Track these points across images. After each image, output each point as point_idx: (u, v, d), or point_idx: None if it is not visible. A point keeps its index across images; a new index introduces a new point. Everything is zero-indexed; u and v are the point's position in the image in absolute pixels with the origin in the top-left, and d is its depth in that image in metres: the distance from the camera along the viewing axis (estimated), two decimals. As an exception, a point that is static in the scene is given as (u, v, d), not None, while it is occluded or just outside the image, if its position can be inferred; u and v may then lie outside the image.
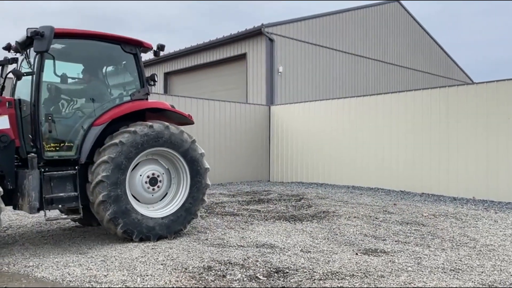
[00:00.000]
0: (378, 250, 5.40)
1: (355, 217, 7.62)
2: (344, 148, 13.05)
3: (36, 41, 5.06)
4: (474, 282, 4.19)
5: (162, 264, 4.62)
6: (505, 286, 4.09)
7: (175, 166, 6.05)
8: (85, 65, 6.13)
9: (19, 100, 5.35)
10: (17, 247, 5.45)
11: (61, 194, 5.21)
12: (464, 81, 25.89)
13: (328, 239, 6.03)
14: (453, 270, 4.57)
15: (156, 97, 12.59)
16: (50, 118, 5.23)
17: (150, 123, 5.68)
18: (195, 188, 6.03)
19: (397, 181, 11.84)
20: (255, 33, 16.81)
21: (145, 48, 6.18)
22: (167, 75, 21.85)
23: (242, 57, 17.68)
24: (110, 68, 6.21)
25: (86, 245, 5.56)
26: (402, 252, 5.29)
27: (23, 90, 5.64)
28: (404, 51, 23.01)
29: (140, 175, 5.73)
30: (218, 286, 3.99)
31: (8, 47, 5.95)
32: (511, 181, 9.66)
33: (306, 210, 8.39)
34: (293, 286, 4.01)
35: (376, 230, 6.64)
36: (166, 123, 5.85)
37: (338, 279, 4.21)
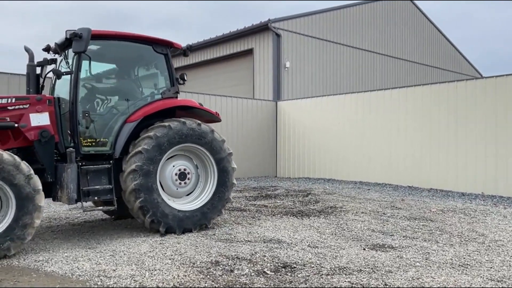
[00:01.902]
0: (386, 246, 5.39)
1: (362, 212, 7.60)
2: (351, 144, 13.00)
3: (74, 42, 5.33)
4: (483, 278, 4.17)
5: (170, 259, 4.65)
6: (514, 282, 4.06)
7: (204, 163, 6.26)
8: (119, 65, 6.41)
9: (58, 98, 5.63)
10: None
11: (97, 187, 5.49)
12: (473, 76, 25.64)
13: (335, 234, 6.02)
14: (462, 266, 4.55)
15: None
16: (87, 115, 5.51)
17: (183, 120, 5.92)
18: (222, 186, 6.23)
19: (404, 177, 11.79)
20: (261, 29, 16.77)
21: (175, 48, 6.45)
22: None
23: (249, 52, 17.66)
24: (142, 68, 6.48)
25: (95, 240, 5.61)
26: (410, 248, 5.27)
27: (62, 88, 5.95)
28: (412, 45, 22.83)
29: (171, 170, 5.95)
30: (225, 280, 4.01)
31: (47, 49, 6.22)
32: (520, 176, 9.59)
33: (314, 205, 8.38)
34: (301, 281, 4.01)
35: (384, 225, 6.62)
36: (198, 121, 6.07)
37: (345, 274, 4.20)
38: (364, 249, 5.22)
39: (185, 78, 6.48)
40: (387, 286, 3.89)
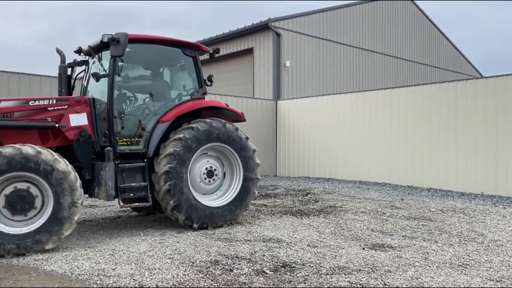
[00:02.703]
0: (385, 245, 5.39)
1: (362, 212, 7.61)
2: (351, 143, 13.01)
3: (112, 47, 5.53)
4: (482, 278, 4.17)
5: (169, 258, 4.65)
6: (513, 282, 4.07)
7: (229, 161, 6.52)
8: (150, 67, 6.64)
9: (93, 99, 5.87)
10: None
11: (133, 184, 5.73)
12: (473, 75, 25.63)
13: (335, 234, 6.03)
14: (461, 266, 4.55)
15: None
16: (123, 115, 5.77)
17: (209, 120, 6.17)
18: (247, 181, 6.50)
19: (404, 176, 11.79)
20: (262, 28, 16.76)
21: (203, 51, 6.71)
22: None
23: (249, 51, 17.66)
24: (171, 70, 6.75)
25: (95, 239, 5.61)
26: (409, 247, 5.27)
27: (94, 89, 6.26)
28: (412, 45, 22.82)
29: (199, 168, 6.22)
30: (225, 280, 4.01)
31: (79, 51, 6.43)
32: (520, 176, 9.59)
33: (313, 205, 8.39)
34: (300, 281, 4.02)
35: (383, 225, 6.63)
36: (223, 121, 6.33)
37: (345, 274, 4.21)
38: (363, 248, 5.23)
39: (212, 79, 6.77)
40: (386, 286, 3.89)
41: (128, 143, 5.92)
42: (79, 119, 5.56)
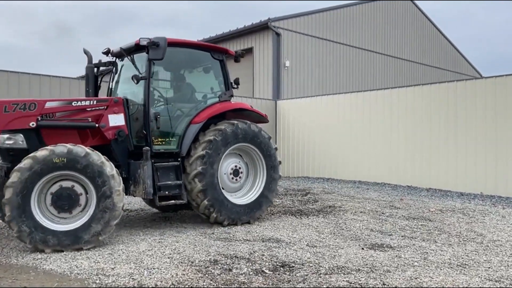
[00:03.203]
0: (384, 245, 5.39)
1: (361, 212, 7.61)
2: (351, 143, 13.01)
3: (151, 50, 5.73)
4: (481, 278, 4.17)
5: (168, 258, 4.65)
6: (512, 282, 4.07)
7: (253, 160, 6.82)
8: (182, 70, 6.91)
9: (126, 100, 6.05)
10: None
11: (169, 182, 5.96)
12: (473, 76, 25.64)
13: (334, 233, 6.03)
14: (460, 266, 4.55)
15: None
16: (158, 116, 5.96)
17: (236, 122, 6.45)
18: (270, 179, 6.82)
19: (404, 176, 11.79)
20: (261, 27, 16.76)
21: (229, 54, 6.96)
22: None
23: (248, 51, 17.63)
24: (200, 73, 6.97)
25: (94, 238, 5.61)
26: (408, 247, 5.27)
27: (127, 91, 6.50)
28: (412, 45, 22.83)
29: (226, 167, 6.49)
30: (224, 279, 4.01)
31: (107, 52, 6.61)
32: (519, 177, 9.59)
33: (312, 204, 8.39)
34: (299, 280, 4.02)
35: (383, 225, 6.63)
36: (248, 122, 6.63)
37: (344, 274, 4.21)
38: (362, 248, 5.23)
39: (239, 82, 7.02)
40: (385, 286, 3.89)
41: (163, 143, 6.15)
42: (117, 120, 5.76)
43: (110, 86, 6.82)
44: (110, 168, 5.10)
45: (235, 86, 6.97)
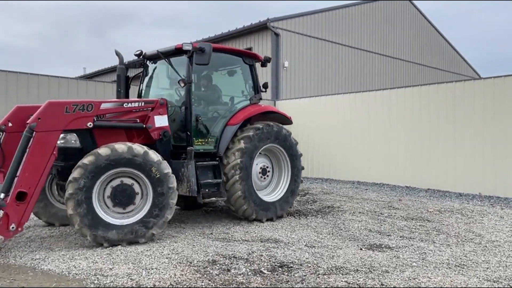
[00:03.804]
0: (383, 246, 5.39)
1: (360, 212, 7.61)
2: (349, 143, 13.01)
3: (197, 55, 6.02)
4: (479, 278, 4.18)
5: (167, 258, 4.64)
6: (510, 282, 4.07)
7: (279, 161, 7.22)
8: (217, 74, 7.23)
9: (166, 101, 6.25)
10: (24, 240, 5.50)
11: (209, 180, 6.27)
12: (472, 76, 25.67)
13: (332, 234, 6.03)
14: (458, 266, 4.56)
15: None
16: (199, 118, 6.32)
17: (271, 123, 6.87)
18: (293, 181, 7.24)
19: (402, 177, 11.80)
20: (260, 28, 16.76)
21: (258, 60, 7.28)
22: (172, 69, 21.84)
23: (247, 51, 17.65)
24: (233, 76, 7.26)
25: None
26: (406, 248, 5.28)
27: (160, 92, 6.89)
28: (411, 46, 22.85)
29: (255, 166, 6.80)
30: (222, 280, 4.01)
31: (139, 54, 6.87)
32: (517, 177, 9.61)
33: (311, 205, 8.39)
34: (297, 281, 4.02)
35: (381, 225, 6.63)
36: (280, 125, 7.06)
37: (342, 274, 4.21)
38: (361, 249, 5.23)
39: (267, 86, 7.34)
40: (384, 286, 3.89)
41: (202, 143, 6.45)
42: (162, 121, 6.00)
43: (141, 88, 7.07)
44: (166, 167, 5.36)
45: (263, 89, 7.28)
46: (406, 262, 4.66)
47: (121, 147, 5.13)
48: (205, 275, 4.11)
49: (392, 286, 3.90)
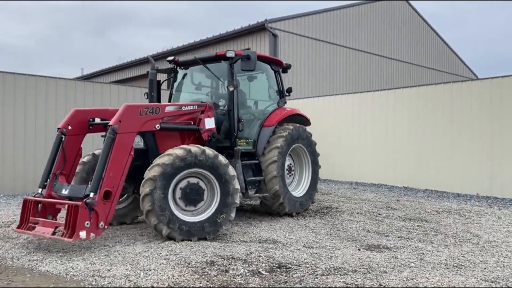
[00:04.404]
0: (381, 246, 5.40)
1: (358, 213, 7.62)
2: (347, 144, 13.03)
3: (243, 62, 6.43)
4: (477, 278, 4.18)
5: (165, 259, 4.63)
6: (508, 282, 4.08)
7: (301, 160, 7.71)
8: (251, 79, 7.66)
9: (214, 105, 6.58)
10: (22, 241, 5.49)
11: (253, 178, 6.74)
12: (469, 77, 25.74)
13: (330, 234, 6.03)
14: (456, 266, 4.57)
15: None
16: (242, 120, 6.69)
17: (298, 125, 7.44)
18: (313, 179, 7.74)
19: (400, 177, 11.82)
20: (258, 29, 16.76)
21: (282, 66, 7.75)
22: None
23: (245, 52, 17.65)
24: (263, 81, 7.64)
25: (90, 239, 5.58)
26: (404, 248, 5.28)
27: (194, 96, 7.33)
28: (408, 46, 22.89)
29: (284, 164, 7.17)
30: (220, 281, 4.01)
31: (172, 60, 7.30)
32: (515, 178, 9.63)
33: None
34: (296, 281, 4.02)
35: (379, 226, 6.64)
36: (304, 127, 7.61)
37: (340, 275, 4.21)
38: (359, 249, 5.24)
39: (291, 90, 7.81)
40: (382, 287, 3.89)
41: (243, 143, 6.85)
42: (210, 123, 6.32)
43: (172, 92, 7.41)
44: (232, 170, 5.74)
45: (288, 94, 7.72)
46: (404, 262, 4.67)
47: (195, 149, 5.45)
48: (203, 276, 4.11)
49: (390, 287, 3.90)
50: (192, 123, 6.21)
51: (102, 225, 4.92)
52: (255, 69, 6.50)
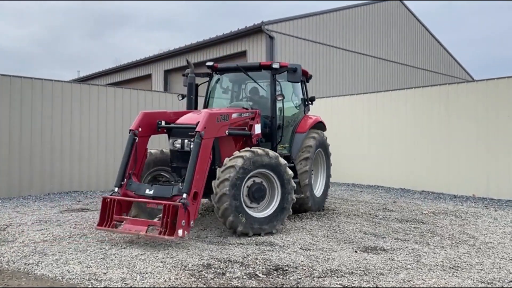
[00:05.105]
0: (378, 248, 5.41)
1: (354, 214, 7.63)
2: (344, 146, 13.04)
3: (289, 74, 6.90)
4: (473, 280, 4.19)
5: (161, 262, 4.62)
6: (504, 284, 4.09)
7: (318, 164, 8.21)
8: (285, 88, 7.84)
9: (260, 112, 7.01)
10: (17, 244, 5.46)
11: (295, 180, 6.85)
12: (465, 79, 25.85)
13: (327, 236, 6.03)
14: (452, 268, 4.58)
15: (156, 95, 12.59)
16: (281, 126, 7.19)
17: (321, 132, 8.12)
18: (327, 181, 8.36)
19: (397, 179, 11.84)
20: (255, 31, 16.77)
21: (307, 76, 8.27)
22: (167, 72, 21.83)
23: (242, 54, 17.67)
24: (291, 90, 7.98)
25: (86, 242, 5.56)
26: (401, 250, 5.29)
27: (220, 102, 7.75)
28: (404, 48, 22.96)
29: None
30: (217, 283, 4.00)
31: (211, 66, 7.63)
32: (511, 179, 9.67)
33: (306, 207, 8.38)
34: (293, 284, 4.01)
35: (376, 227, 6.65)
36: (323, 132, 8.26)
37: (337, 277, 4.21)
38: (356, 251, 5.24)
39: (314, 99, 8.29)
40: (379, 289, 3.89)
41: (282, 148, 7.36)
42: (258, 128, 6.82)
43: (208, 97, 7.77)
44: (289, 170, 6.22)
45: (311, 103, 8.19)
46: (400, 264, 4.67)
47: (261, 151, 5.92)
48: (200, 279, 4.10)
49: (387, 289, 3.90)
50: (245, 129, 6.65)
51: (192, 223, 5.24)
52: (299, 81, 7.14)
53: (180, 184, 5.51)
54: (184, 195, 5.18)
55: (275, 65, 6.93)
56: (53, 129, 10.45)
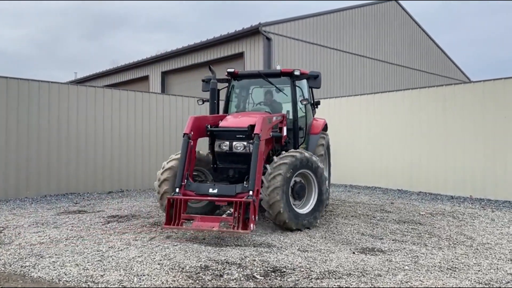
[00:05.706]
0: (375, 249, 5.40)
1: (352, 216, 7.63)
2: (341, 147, 13.04)
3: (311, 80, 7.66)
4: (471, 281, 4.20)
5: (159, 264, 4.61)
6: (501, 285, 4.10)
7: (323, 160, 8.40)
8: (304, 93, 8.23)
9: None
10: (14, 247, 5.43)
11: None
12: (462, 80, 25.93)
13: (325, 238, 6.03)
14: (450, 269, 4.58)
15: (154, 97, 12.57)
16: (302, 128, 7.68)
17: (326, 133, 8.75)
18: (329, 172, 8.86)
19: (394, 180, 11.86)
20: (252, 32, 16.77)
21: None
22: (164, 74, 21.81)
23: (239, 56, 17.67)
24: (303, 95, 8.04)
25: (83, 245, 5.54)
26: (399, 251, 5.29)
27: (263, 107, 7.98)
28: (401, 49, 23.02)
29: None
30: (215, 285, 3.99)
31: (232, 73, 7.87)
32: (508, 180, 9.69)
33: (304, 209, 8.38)
34: (291, 285, 4.01)
35: (374, 229, 6.65)
36: (327, 133, 8.84)
37: (335, 278, 4.21)
38: (353, 252, 5.24)
39: (320, 103, 8.79)
40: (376, 290, 3.89)
41: (301, 148, 7.67)
42: (285, 131, 7.27)
43: (229, 100, 8.04)
44: (322, 167, 6.69)
45: (316, 107, 8.65)
46: (398, 265, 4.67)
47: (303, 152, 6.49)
48: (197, 281, 4.09)
49: (384, 290, 3.90)
50: (277, 131, 7.06)
51: (257, 218, 5.63)
52: (320, 87, 7.68)
53: (245, 182, 6.03)
54: (250, 192, 5.65)
55: (296, 72, 7.34)
56: (50, 131, 10.42)
